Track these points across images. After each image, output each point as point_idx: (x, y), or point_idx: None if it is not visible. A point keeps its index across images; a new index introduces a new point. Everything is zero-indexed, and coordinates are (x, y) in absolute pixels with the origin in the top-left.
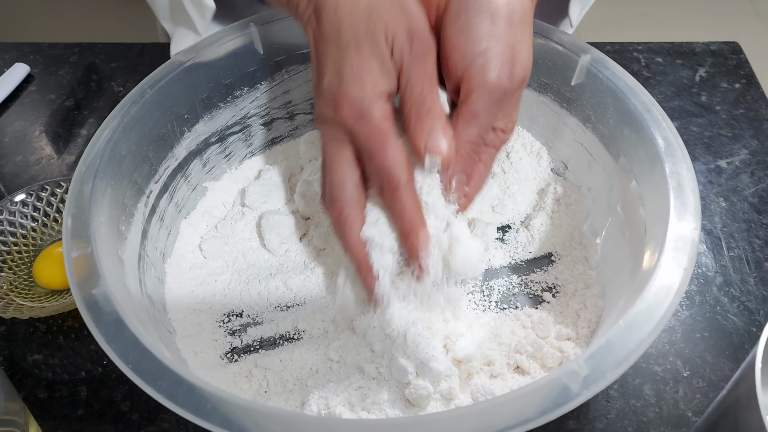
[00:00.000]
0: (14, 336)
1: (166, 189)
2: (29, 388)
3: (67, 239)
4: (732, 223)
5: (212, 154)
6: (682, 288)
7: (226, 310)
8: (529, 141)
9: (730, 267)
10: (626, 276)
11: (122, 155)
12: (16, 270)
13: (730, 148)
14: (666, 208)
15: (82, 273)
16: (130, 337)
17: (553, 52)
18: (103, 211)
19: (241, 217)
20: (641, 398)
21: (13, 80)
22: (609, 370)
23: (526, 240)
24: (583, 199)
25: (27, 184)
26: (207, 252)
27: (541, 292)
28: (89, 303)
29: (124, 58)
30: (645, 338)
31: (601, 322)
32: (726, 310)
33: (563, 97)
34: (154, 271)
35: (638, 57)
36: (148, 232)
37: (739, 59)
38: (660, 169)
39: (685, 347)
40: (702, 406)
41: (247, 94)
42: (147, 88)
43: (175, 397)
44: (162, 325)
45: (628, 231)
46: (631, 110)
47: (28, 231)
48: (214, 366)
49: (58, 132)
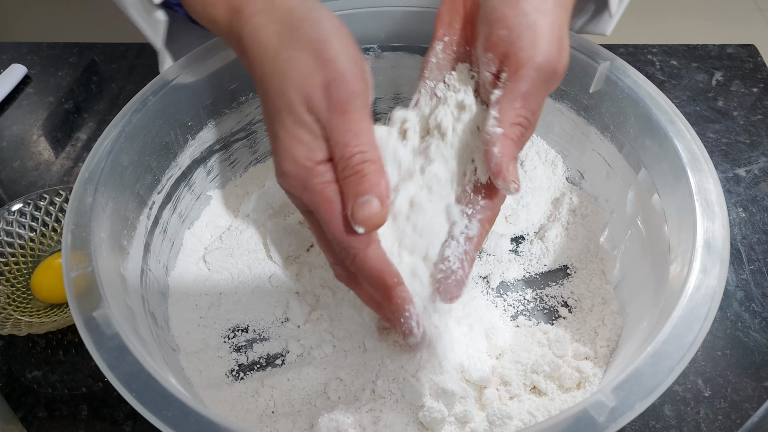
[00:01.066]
0: (12, 351)
1: (170, 199)
2: (28, 406)
3: (67, 257)
4: (752, 235)
5: (216, 162)
6: (712, 313)
7: (231, 325)
8: (544, 149)
9: (750, 281)
10: (649, 295)
11: (124, 166)
12: (14, 282)
13: (748, 155)
14: (692, 226)
15: (83, 293)
16: (134, 364)
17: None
18: (104, 226)
19: (247, 227)
20: (661, 419)
21: (9, 82)
22: (637, 401)
23: (540, 252)
24: (600, 210)
25: (26, 190)
26: (211, 264)
27: (557, 306)
28: (90, 326)
29: (125, 58)
30: (675, 367)
31: (621, 342)
32: (747, 327)
33: (580, 105)
34: (156, 285)
35: (653, 60)
36: (151, 245)
37: (756, 63)
38: (685, 185)
39: (706, 366)
40: (724, 428)
41: (252, 99)
42: (149, 95)
43: (181, 428)
44: (165, 343)
45: (649, 247)
46: (654, 120)
47: (26, 241)
48: (219, 385)
49: (57, 136)
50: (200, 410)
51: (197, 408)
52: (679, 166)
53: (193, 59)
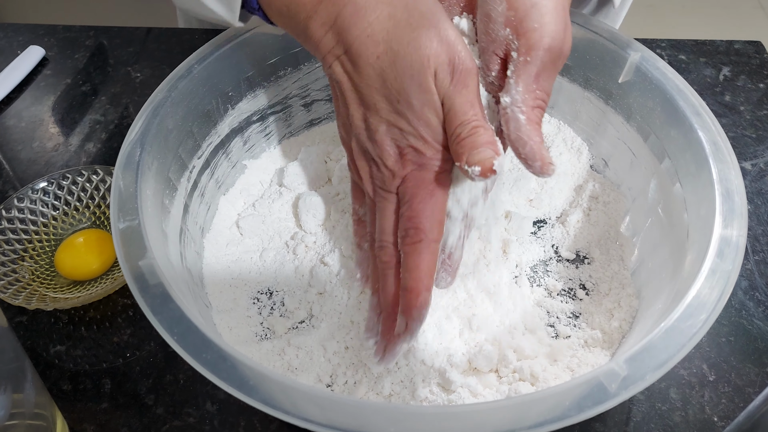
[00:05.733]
0: (36, 326)
1: (208, 165)
2: (53, 380)
3: (115, 210)
4: (757, 227)
5: (253, 133)
6: (725, 295)
7: (261, 287)
8: (570, 136)
9: (755, 271)
10: (665, 280)
11: (168, 129)
12: (38, 259)
13: (754, 149)
14: (712, 213)
15: (129, 244)
16: (176, 310)
17: (602, 48)
18: (149, 184)
19: (279, 196)
20: (667, 402)
21: (28, 63)
22: (648, 372)
23: (561, 236)
24: (622, 198)
25: (45, 170)
26: (244, 229)
27: (575, 289)
28: (136, 274)
29: (140, 42)
30: (686, 343)
31: (635, 323)
32: (751, 315)
33: (608, 94)
34: (193, 245)
35: (661, 54)
36: (190, 206)
37: (762, 59)
38: (707, 174)
39: (711, 351)
40: (728, 410)
41: (290, 74)
42: (194, 63)
43: (218, 371)
44: (200, 299)
45: (669, 234)
46: (680, 112)
47: (48, 220)
48: (248, 342)
49: (75, 117)
50: (236, 355)
51: (233, 353)
52: (702, 156)
53: (237, 32)
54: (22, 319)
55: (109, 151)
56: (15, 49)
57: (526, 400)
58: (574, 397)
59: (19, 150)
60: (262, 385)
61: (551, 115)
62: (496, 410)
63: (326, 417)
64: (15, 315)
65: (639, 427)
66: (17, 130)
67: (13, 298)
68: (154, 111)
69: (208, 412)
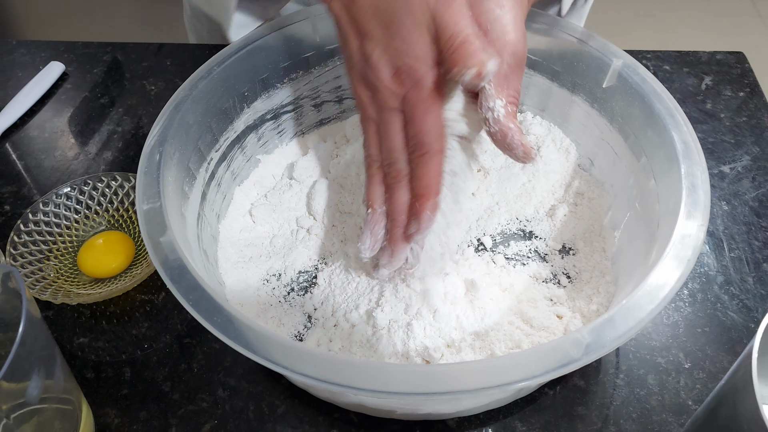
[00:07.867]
0: (61, 320)
1: (225, 158)
2: (78, 368)
3: (140, 193)
4: (733, 226)
5: (267, 130)
6: (683, 276)
7: (272, 271)
8: (559, 137)
9: (730, 267)
10: (638, 266)
11: (189, 124)
12: (62, 259)
13: (732, 154)
14: (678, 205)
15: (152, 223)
16: (191, 280)
17: (588, 56)
18: (171, 171)
19: (289, 188)
20: (645, 387)
21: (49, 78)
22: (609, 341)
23: (549, 229)
24: (605, 194)
25: (67, 177)
26: (256, 217)
27: (559, 276)
28: (157, 249)
29: (155, 57)
30: (644, 317)
31: (611, 307)
32: (726, 307)
33: (594, 98)
34: (209, 229)
35: (647, 65)
36: (207, 194)
37: (743, 68)
38: (676, 170)
39: (687, 341)
40: (702, 395)
41: (302, 77)
42: (214, 65)
43: (227, 332)
44: (214, 278)
45: (643, 226)
46: (656, 113)
47: (71, 222)
48: (258, 317)
49: (94, 128)
50: (243, 319)
51: (241, 317)
52: (673, 154)
53: (253, 37)
54: (48, 314)
55: (126, 158)
56: (37, 65)
57: (499, 362)
58: (542, 360)
59: (43, 159)
60: (267, 345)
61: (542, 118)
62: (474, 369)
63: (320, 373)
64: (42, 310)
65: (619, 410)
66: (40, 140)
67: (40, 294)
68: (176, 107)
69: (219, 397)
